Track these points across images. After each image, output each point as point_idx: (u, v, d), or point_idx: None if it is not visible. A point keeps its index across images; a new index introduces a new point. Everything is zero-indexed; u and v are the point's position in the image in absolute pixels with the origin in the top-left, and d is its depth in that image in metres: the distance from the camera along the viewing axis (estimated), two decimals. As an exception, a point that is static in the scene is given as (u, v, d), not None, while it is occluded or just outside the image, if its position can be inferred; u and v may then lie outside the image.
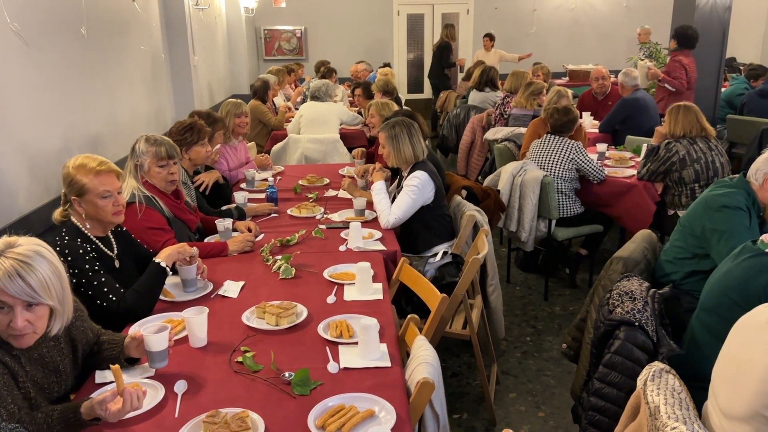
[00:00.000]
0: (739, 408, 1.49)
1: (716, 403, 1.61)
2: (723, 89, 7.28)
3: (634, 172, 4.31)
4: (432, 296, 2.52)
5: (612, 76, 6.44)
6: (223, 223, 3.11)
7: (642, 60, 7.44)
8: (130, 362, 1.98)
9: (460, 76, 9.81)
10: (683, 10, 6.06)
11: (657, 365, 1.74)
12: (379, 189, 3.40)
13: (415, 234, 3.41)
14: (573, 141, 4.24)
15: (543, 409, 3.13)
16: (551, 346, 3.74)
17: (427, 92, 11.95)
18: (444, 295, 2.44)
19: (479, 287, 3.35)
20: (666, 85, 6.04)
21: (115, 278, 2.31)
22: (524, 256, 4.82)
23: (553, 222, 4.21)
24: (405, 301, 3.03)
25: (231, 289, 2.54)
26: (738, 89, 6.98)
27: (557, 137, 4.27)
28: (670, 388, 1.64)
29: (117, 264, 2.40)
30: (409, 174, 3.38)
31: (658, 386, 1.64)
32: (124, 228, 2.54)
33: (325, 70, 8.37)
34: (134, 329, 2.18)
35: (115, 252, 2.42)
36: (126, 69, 4.83)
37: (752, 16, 10.85)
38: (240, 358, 2.01)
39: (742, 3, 10.29)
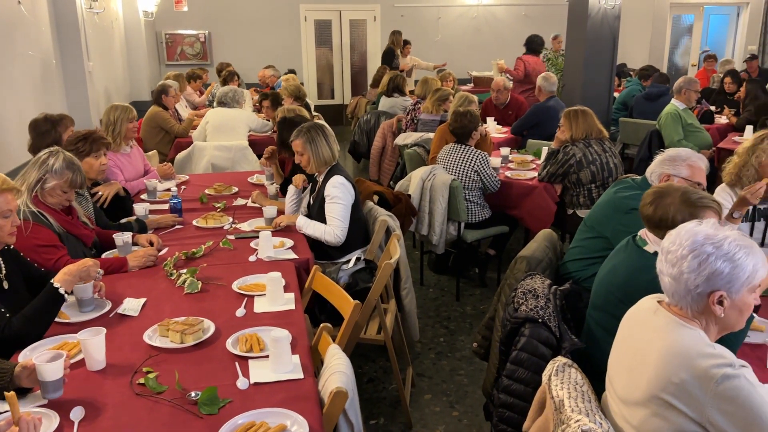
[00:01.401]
0: (636, 393, 1.57)
1: (614, 392, 1.69)
2: (618, 92, 7.76)
3: (536, 174, 4.49)
4: (345, 303, 2.50)
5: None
6: (122, 237, 2.95)
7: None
8: (21, 392, 1.83)
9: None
10: (576, 19, 6.39)
11: (560, 360, 1.81)
12: (303, 224, 3.32)
13: (328, 241, 3.39)
14: (478, 151, 4.36)
15: (457, 409, 3.19)
16: (464, 345, 3.82)
17: (338, 98, 11.96)
18: (357, 301, 2.43)
19: (393, 291, 3.37)
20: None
21: (3, 300, 2.13)
22: (436, 259, 4.90)
23: (462, 224, 4.31)
24: (319, 310, 3.00)
25: (131, 307, 2.41)
26: (633, 91, 7.44)
27: (463, 146, 4.38)
28: (572, 381, 1.71)
29: (5, 285, 2.22)
30: (325, 180, 3.35)
31: (561, 380, 1.71)
32: (12, 246, 2.35)
33: (227, 74, 8.17)
34: (25, 356, 2.03)
35: (3, 273, 2.24)
36: (11, 75, 4.50)
37: (639, 24, 11.62)
38: (142, 380, 1.91)
39: (629, 12, 11.02)
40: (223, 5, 10.72)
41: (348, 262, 3.28)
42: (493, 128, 6.26)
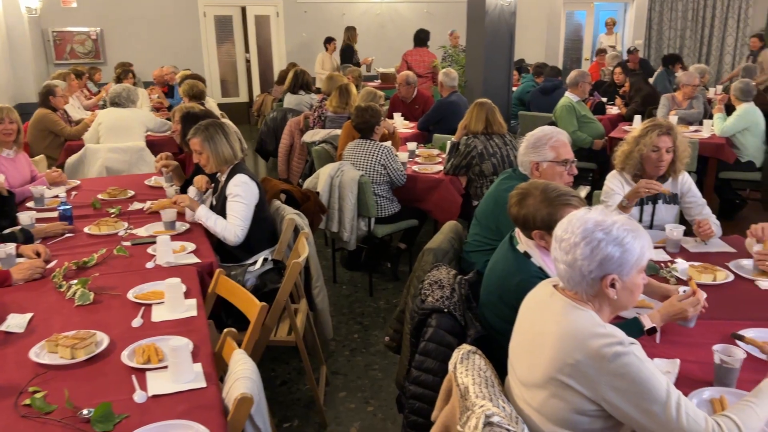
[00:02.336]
0: (536, 376, 1.62)
1: (515, 375, 1.73)
2: (515, 88, 8.03)
3: (441, 168, 4.57)
4: (251, 306, 2.43)
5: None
6: (5, 249, 2.72)
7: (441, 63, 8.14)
8: None
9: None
10: (475, 16, 6.56)
11: (465, 347, 1.84)
12: (204, 214, 3.20)
13: (233, 242, 3.28)
14: (383, 144, 4.39)
15: (372, 404, 3.19)
16: (378, 340, 3.83)
17: (243, 96, 11.68)
18: (263, 303, 2.36)
19: (303, 291, 3.32)
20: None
21: None
22: (348, 255, 4.89)
23: (373, 220, 4.32)
24: (225, 314, 2.90)
25: (16, 323, 2.23)
26: (527, 87, 7.74)
27: (368, 141, 4.38)
28: (476, 367, 1.74)
29: None
30: (228, 179, 3.24)
31: (466, 368, 1.73)
32: None
33: (120, 72, 7.78)
34: None
35: None
36: None
37: (535, 21, 12.10)
38: (28, 400, 1.76)
39: (526, 8, 11.46)
40: (115, 0, 10.17)
41: (255, 263, 3.19)
42: (400, 123, 6.33)
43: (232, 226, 3.15)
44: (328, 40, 10.07)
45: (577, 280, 1.60)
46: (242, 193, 3.19)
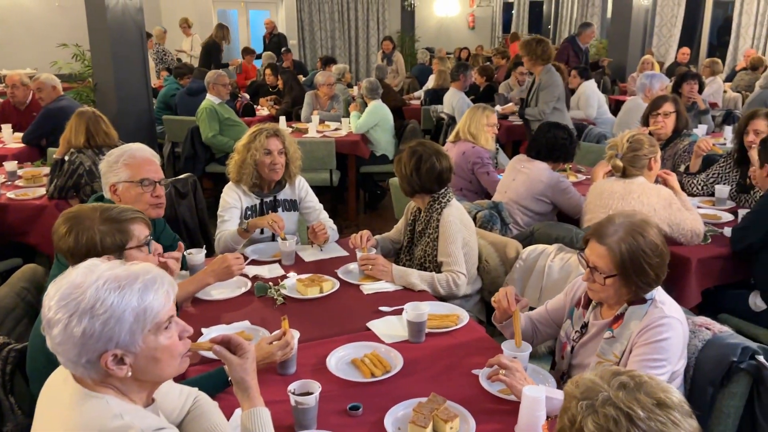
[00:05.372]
0: None
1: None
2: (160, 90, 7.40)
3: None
4: None
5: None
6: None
7: None
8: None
9: None
10: (95, 12, 5.76)
11: None
12: None
13: None
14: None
15: None
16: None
17: None
18: None
19: None
20: None
21: None
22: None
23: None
24: None
25: None
26: (171, 90, 7.16)
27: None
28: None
29: None
30: None
31: None
32: None
33: None
34: None
35: None
36: None
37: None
38: None
39: (169, 5, 10.83)
40: None
41: None
42: (8, 137, 5.23)
43: None
44: None
45: (72, 367, 1.20)
46: None
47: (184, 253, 2.56)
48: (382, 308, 2.29)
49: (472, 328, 2.19)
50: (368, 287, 2.47)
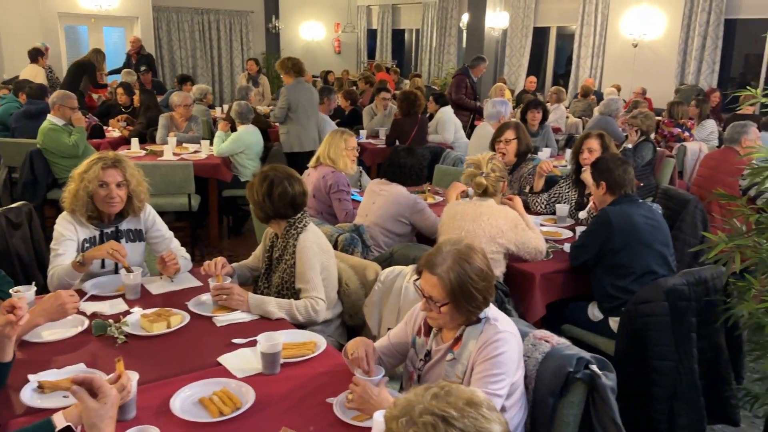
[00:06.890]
0: None
1: None
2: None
3: None
4: None
5: None
6: None
7: None
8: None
9: None
10: None
11: None
12: None
13: None
14: None
15: None
16: None
17: None
18: None
19: None
20: None
21: None
22: None
23: None
24: None
25: None
26: (10, 108, 6.50)
27: None
28: None
29: None
30: None
31: None
32: None
33: None
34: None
35: None
36: None
37: (25, 33, 10.56)
38: None
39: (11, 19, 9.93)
40: None
41: None
42: None
43: None
44: None
45: None
46: None
47: (11, 291, 2.31)
48: (236, 340, 2.20)
49: (329, 354, 2.16)
50: (222, 319, 2.36)
